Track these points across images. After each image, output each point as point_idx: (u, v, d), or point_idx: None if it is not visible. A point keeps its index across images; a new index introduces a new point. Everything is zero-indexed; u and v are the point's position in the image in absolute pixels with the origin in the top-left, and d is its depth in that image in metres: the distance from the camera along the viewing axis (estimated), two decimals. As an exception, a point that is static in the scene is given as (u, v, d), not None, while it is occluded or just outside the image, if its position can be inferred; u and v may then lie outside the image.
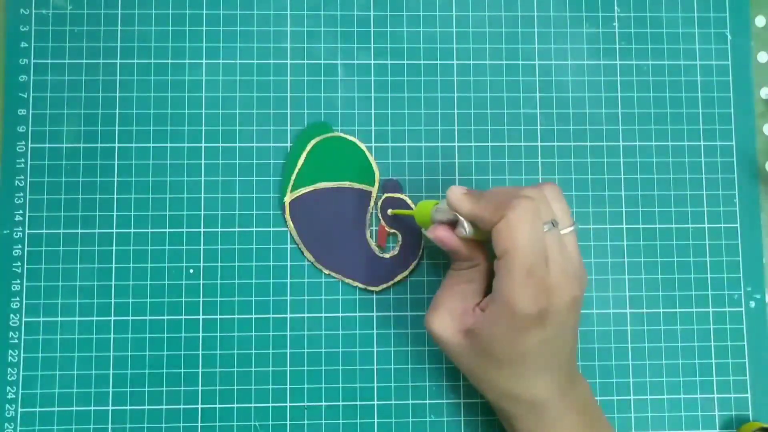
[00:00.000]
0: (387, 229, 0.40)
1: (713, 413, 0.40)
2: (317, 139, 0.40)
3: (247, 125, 0.41)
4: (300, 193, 0.40)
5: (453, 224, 0.35)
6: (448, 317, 0.35)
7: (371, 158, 0.41)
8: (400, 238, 0.40)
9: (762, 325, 0.41)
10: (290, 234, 0.40)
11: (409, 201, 0.41)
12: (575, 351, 0.35)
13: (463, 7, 0.42)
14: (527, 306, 0.31)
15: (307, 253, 0.40)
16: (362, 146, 0.41)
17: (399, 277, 0.40)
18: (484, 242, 0.35)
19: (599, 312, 0.41)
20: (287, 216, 0.40)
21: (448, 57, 0.42)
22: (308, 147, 0.40)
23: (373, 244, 0.40)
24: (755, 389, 0.40)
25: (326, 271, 0.40)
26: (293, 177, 0.40)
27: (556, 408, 0.33)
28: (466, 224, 0.34)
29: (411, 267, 0.40)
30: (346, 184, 0.40)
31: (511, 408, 0.34)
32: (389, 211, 0.40)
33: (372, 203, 0.40)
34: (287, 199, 0.40)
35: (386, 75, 0.42)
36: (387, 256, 0.40)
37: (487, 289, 0.35)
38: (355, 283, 0.40)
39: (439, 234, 0.35)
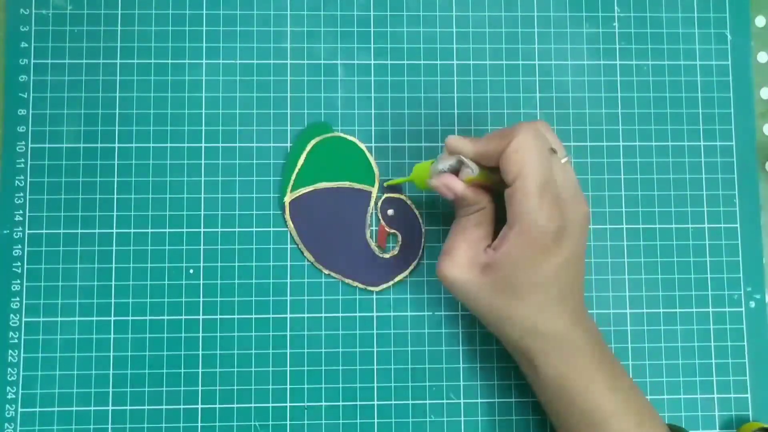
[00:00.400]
0: (387, 229, 0.40)
1: (713, 413, 0.40)
2: (317, 139, 0.40)
3: (247, 125, 0.41)
4: (300, 193, 0.40)
5: (455, 172, 0.35)
6: (464, 258, 0.35)
7: (371, 158, 0.41)
8: (400, 238, 0.40)
9: (762, 325, 0.41)
10: (290, 234, 0.40)
11: (409, 202, 0.41)
12: (584, 283, 0.35)
13: (463, 7, 0.42)
14: (546, 223, 0.32)
15: (307, 253, 0.40)
16: (362, 146, 0.41)
17: (399, 277, 0.40)
18: (488, 185, 0.35)
19: (599, 312, 0.41)
20: (287, 216, 0.40)
21: (448, 57, 0.42)
22: (308, 147, 0.40)
23: (373, 244, 0.40)
24: (755, 389, 0.40)
25: (326, 271, 0.40)
26: (293, 177, 0.40)
27: (577, 339, 0.34)
28: (471, 164, 0.34)
29: (411, 267, 0.40)
30: (346, 184, 0.40)
31: (535, 344, 0.34)
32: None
33: (372, 203, 0.40)
34: (287, 199, 0.40)
35: (386, 75, 0.42)
36: (387, 256, 0.40)
37: (494, 234, 0.36)
38: (355, 284, 0.40)
39: (446, 180, 0.35)
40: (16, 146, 0.40)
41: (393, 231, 0.40)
